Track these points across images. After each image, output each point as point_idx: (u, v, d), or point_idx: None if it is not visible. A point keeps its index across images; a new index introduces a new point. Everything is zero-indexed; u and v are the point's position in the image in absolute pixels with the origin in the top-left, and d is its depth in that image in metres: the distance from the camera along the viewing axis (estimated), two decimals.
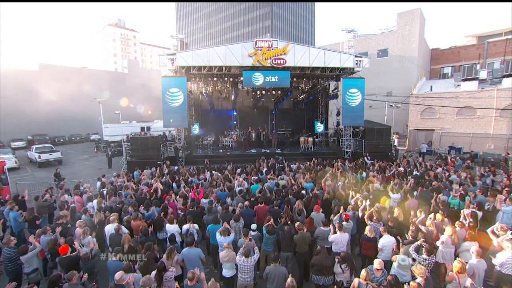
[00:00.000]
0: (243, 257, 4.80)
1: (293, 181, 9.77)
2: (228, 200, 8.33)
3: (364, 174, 10.97)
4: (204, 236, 6.58)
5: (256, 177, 9.97)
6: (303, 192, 8.69)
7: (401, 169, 11.23)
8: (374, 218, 6.17)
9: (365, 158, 13.49)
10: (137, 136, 15.31)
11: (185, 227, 6.44)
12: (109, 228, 6.23)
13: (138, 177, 11.72)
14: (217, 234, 5.69)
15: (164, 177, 11.06)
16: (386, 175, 10.55)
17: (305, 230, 5.87)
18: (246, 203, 7.34)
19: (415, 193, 8.26)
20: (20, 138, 30.29)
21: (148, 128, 31.33)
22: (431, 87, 26.00)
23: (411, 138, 24.37)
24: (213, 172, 11.36)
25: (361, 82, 15.87)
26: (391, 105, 20.77)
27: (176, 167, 13.28)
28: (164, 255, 5.15)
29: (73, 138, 34.22)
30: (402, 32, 30.77)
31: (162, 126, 17.40)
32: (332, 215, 6.90)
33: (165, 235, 6.50)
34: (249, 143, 18.83)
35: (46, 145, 22.61)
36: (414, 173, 10.68)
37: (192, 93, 18.86)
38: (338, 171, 11.04)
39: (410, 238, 5.40)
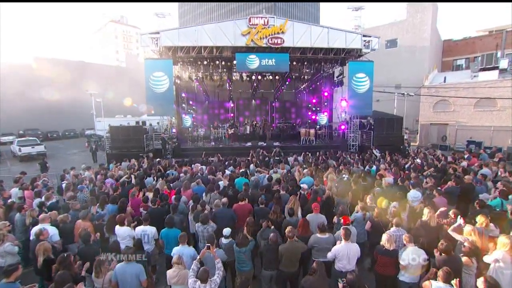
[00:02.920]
0: (198, 281, 3.16)
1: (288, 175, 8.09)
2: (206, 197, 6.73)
3: (373, 167, 9.23)
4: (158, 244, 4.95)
5: (244, 170, 8.31)
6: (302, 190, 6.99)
7: (418, 161, 9.44)
8: (394, 221, 4.46)
9: (374, 151, 11.71)
10: (118, 126, 13.79)
11: (139, 229, 4.84)
12: (33, 232, 4.64)
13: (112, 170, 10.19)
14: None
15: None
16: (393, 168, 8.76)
17: (296, 238, 4.20)
18: (224, 200, 5.69)
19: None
20: (11, 133, 29.14)
21: (144, 123, 30.00)
22: (445, 78, 23.96)
23: (423, 133, 22.40)
24: (193, 165, 9.73)
25: (370, 66, 14.06)
26: (403, 94, 18.87)
27: (159, 159, 11.71)
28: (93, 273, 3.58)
29: (67, 133, 33.02)
30: (412, 20, 28.73)
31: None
32: (335, 217, 5.21)
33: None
34: (244, 135, 17.21)
35: (31, 138, 21.26)
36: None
37: (181, 79, 17.23)
38: (342, 164, 9.30)
39: (441, 254, 3.68)
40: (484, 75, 20.78)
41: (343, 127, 16.32)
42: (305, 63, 14.94)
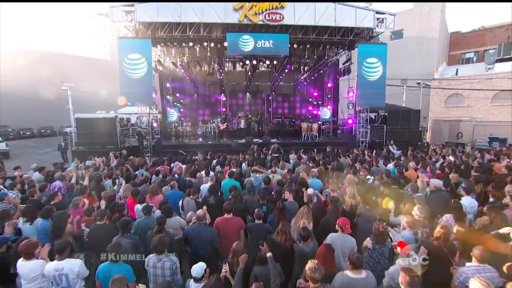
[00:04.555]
0: None
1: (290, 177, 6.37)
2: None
3: (390, 166, 7.60)
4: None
5: (234, 169, 6.57)
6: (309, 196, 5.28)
7: (451, 158, 7.83)
8: (475, 253, 2.78)
9: (390, 148, 10.09)
10: (85, 118, 11.94)
11: (50, 266, 3.02)
12: None
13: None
14: None
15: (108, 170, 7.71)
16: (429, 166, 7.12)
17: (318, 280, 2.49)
18: (200, 212, 3.94)
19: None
20: None
21: (128, 120, 28.09)
22: (457, 70, 22.63)
23: (435, 129, 20.95)
24: (173, 164, 7.97)
25: (383, 49, 12.45)
26: (418, 83, 17.39)
27: (131, 157, 9.88)
28: None
29: (42, 131, 30.72)
30: (420, 9, 27.39)
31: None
32: (368, 241, 3.48)
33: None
34: (238, 131, 15.48)
35: None
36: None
37: (163, 66, 15.41)
38: (358, 163, 7.62)
39: None
40: (501, 67, 19.46)
41: (350, 121, 14.71)
42: (308, 46, 13.25)
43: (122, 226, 3.55)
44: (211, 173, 6.90)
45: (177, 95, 18.76)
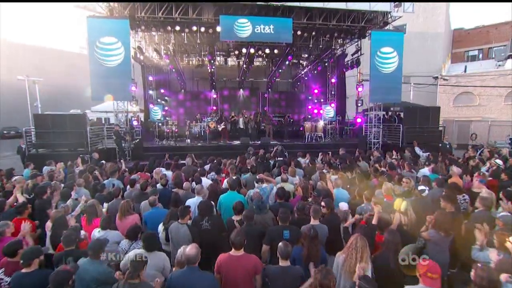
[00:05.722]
0: None
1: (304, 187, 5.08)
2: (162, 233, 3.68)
3: (425, 171, 6.45)
4: None
5: (234, 178, 5.22)
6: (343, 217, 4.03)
7: (499, 162, 6.75)
8: None
9: (416, 149, 8.97)
10: (46, 115, 10.34)
11: None
12: None
13: (27, 178, 6.79)
14: None
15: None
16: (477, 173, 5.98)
17: None
18: (191, 250, 2.57)
19: None
20: None
21: (107, 120, 26.24)
22: (465, 67, 22.14)
23: (448, 130, 20.19)
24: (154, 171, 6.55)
25: (399, 38, 11.43)
26: (436, 77, 16.52)
27: (103, 162, 8.34)
28: None
29: (5, 132, 28.28)
30: (424, 3, 26.96)
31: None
32: None
33: None
34: (236, 131, 14.20)
35: None
36: None
37: (145, 56, 13.91)
38: (388, 168, 6.42)
39: None
40: None
41: (359, 120, 13.63)
42: (313, 33, 12.07)
43: (55, 285, 2.12)
44: (203, 180, 5.54)
45: (162, 91, 17.29)
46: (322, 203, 4.03)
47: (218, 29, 10.98)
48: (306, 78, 18.70)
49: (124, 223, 3.96)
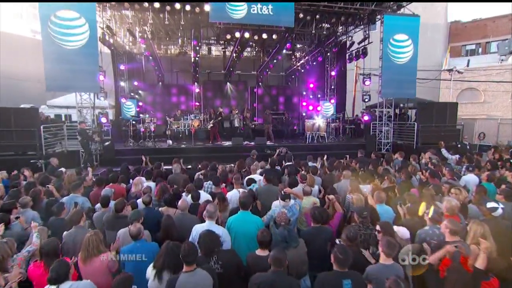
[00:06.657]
0: None
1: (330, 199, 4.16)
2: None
3: (472, 179, 5.75)
4: None
5: (248, 192, 4.18)
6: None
7: None
8: None
9: (443, 151, 8.32)
10: None
11: None
12: None
13: None
14: None
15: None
16: None
17: None
18: None
19: None
20: None
21: (68, 117, 24.09)
22: (468, 61, 22.36)
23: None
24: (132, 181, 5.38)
25: (415, 24, 10.82)
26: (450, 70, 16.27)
27: (62, 170, 6.93)
28: None
29: None
30: None
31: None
32: None
33: None
34: (231, 131, 13.16)
35: None
36: None
37: (115, 40, 12.49)
38: (429, 175, 5.63)
39: None
40: None
41: (366, 117, 12.98)
42: (317, 16, 11.19)
43: None
44: (202, 194, 4.48)
45: (135, 83, 15.84)
46: (377, 227, 3.14)
47: (207, 8, 9.85)
48: (302, 71, 17.89)
49: (91, 267, 2.85)
